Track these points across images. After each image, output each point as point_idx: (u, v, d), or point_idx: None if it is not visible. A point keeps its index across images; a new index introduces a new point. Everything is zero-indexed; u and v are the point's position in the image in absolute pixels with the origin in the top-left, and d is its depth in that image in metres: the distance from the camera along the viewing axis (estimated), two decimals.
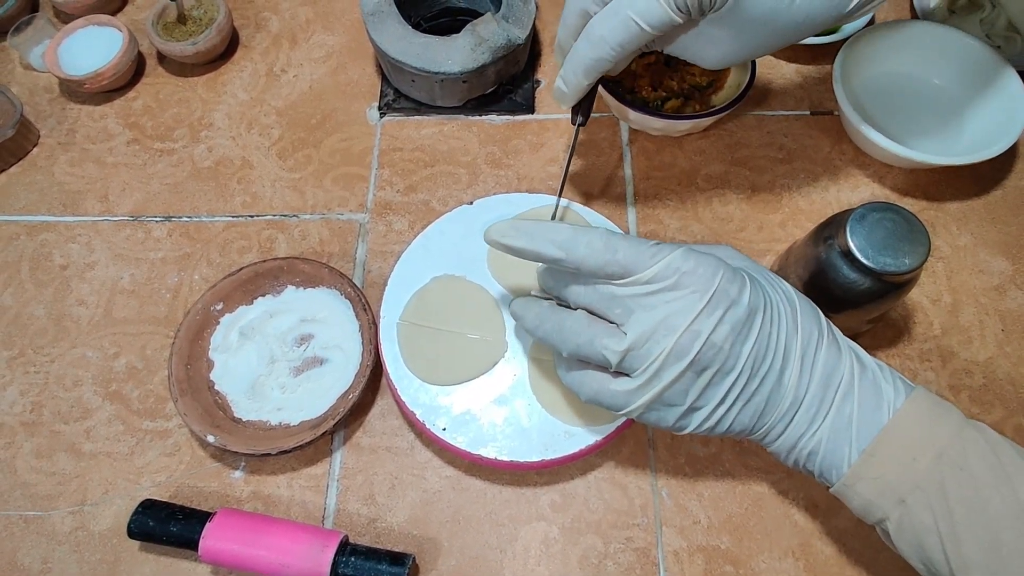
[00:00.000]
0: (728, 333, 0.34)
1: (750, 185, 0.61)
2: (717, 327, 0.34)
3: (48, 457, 0.51)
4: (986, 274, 0.56)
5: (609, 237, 0.36)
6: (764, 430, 0.37)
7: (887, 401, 0.36)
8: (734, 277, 0.35)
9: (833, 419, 0.36)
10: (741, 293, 0.35)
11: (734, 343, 0.35)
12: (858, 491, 0.36)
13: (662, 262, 0.35)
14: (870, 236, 0.43)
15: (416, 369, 0.49)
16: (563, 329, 0.38)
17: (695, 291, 0.34)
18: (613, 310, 0.36)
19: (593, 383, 0.38)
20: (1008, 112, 0.57)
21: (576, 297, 0.38)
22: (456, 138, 0.64)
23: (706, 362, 0.35)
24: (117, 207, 0.62)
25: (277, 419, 0.51)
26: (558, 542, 0.47)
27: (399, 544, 0.47)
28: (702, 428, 0.37)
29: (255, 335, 0.53)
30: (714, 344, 0.34)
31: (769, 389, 0.36)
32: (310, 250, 0.59)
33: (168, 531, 0.45)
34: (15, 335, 0.56)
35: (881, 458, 0.35)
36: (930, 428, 0.35)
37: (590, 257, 0.36)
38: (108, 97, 0.67)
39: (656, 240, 0.37)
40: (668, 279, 0.35)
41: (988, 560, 0.33)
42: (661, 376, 0.35)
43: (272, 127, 0.65)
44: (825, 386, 0.36)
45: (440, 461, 0.50)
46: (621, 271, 0.35)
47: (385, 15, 0.61)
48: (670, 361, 0.35)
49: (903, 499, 0.34)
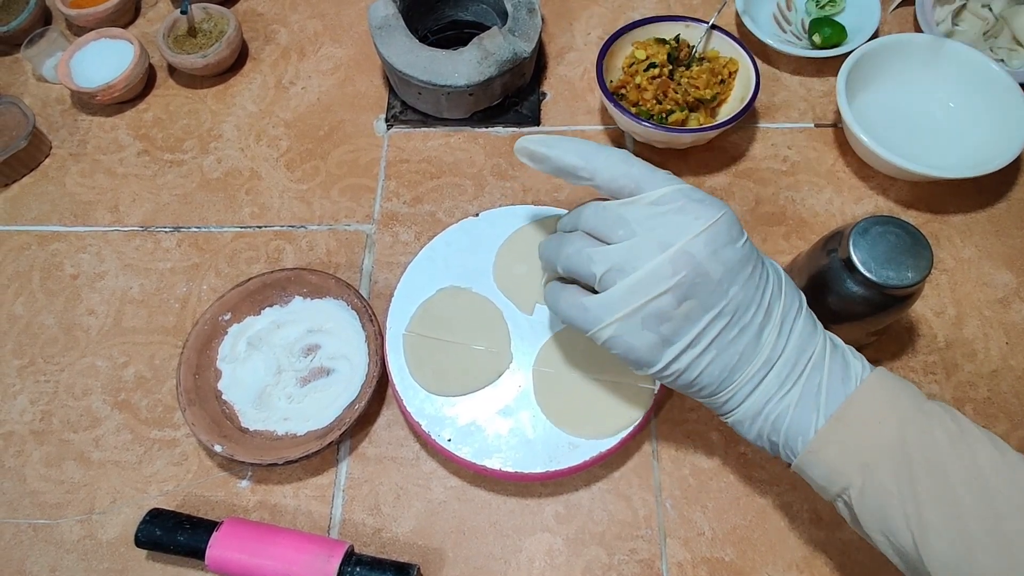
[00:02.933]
0: (719, 266, 0.35)
1: (754, 197, 0.61)
2: (711, 257, 0.35)
3: (57, 465, 0.52)
4: (990, 287, 0.56)
5: (626, 155, 0.37)
6: (732, 389, 0.37)
7: (855, 373, 0.37)
8: (736, 220, 0.36)
9: (803, 386, 0.36)
10: (740, 236, 0.36)
11: (722, 279, 0.35)
12: (823, 457, 0.36)
13: (673, 186, 0.36)
14: (873, 249, 0.43)
15: (422, 380, 0.49)
16: (561, 244, 0.39)
17: (698, 217, 0.35)
18: (616, 231, 0.37)
19: (569, 297, 0.39)
20: (1011, 125, 0.57)
21: (586, 220, 0.39)
22: (462, 150, 0.64)
23: (690, 290, 0.35)
24: (127, 217, 0.62)
25: (284, 429, 0.51)
26: (562, 553, 0.48)
27: (404, 554, 0.48)
28: (670, 369, 0.37)
29: (262, 345, 0.54)
30: (703, 271, 0.35)
31: (746, 342, 0.36)
32: (317, 261, 0.59)
33: (175, 540, 0.45)
34: (26, 344, 0.57)
35: (847, 422, 0.35)
36: (895, 396, 0.36)
37: (607, 168, 0.37)
38: (119, 109, 0.68)
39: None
40: (675, 202, 0.35)
41: (947, 523, 0.33)
42: (638, 292, 0.35)
43: (280, 138, 0.66)
44: (799, 352, 0.37)
45: (445, 472, 0.51)
46: (633, 186, 0.36)
47: (393, 28, 0.62)
48: (653, 279, 0.35)
49: (867, 463, 0.35)
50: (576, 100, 0.67)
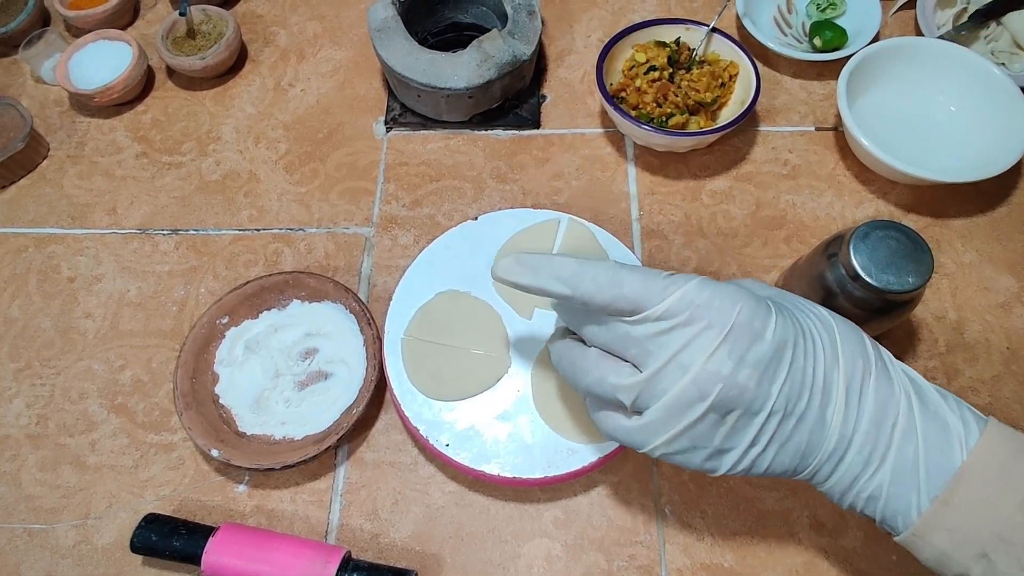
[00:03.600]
0: (752, 371, 0.31)
1: (755, 201, 0.61)
2: (738, 366, 0.31)
3: (53, 470, 0.52)
4: (991, 291, 0.56)
5: (616, 271, 0.33)
6: (810, 471, 0.34)
7: (957, 439, 0.32)
8: (757, 308, 0.32)
9: (895, 461, 0.32)
10: (766, 326, 0.32)
11: (760, 382, 0.32)
12: (931, 542, 0.32)
13: (674, 296, 0.32)
14: (873, 254, 0.43)
15: (420, 384, 0.49)
16: (575, 368, 0.37)
17: (710, 326, 0.31)
18: (629, 350, 0.34)
19: (609, 420, 0.36)
20: (1012, 129, 0.57)
21: (592, 336, 0.36)
22: (462, 153, 0.64)
23: (729, 404, 0.32)
24: (125, 220, 0.62)
25: (281, 433, 0.51)
26: (561, 559, 0.47)
27: (402, 560, 0.47)
28: (736, 470, 0.34)
29: (260, 349, 0.54)
30: (736, 384, 0.31)
31: (809, 429, 0.33)
32: (316, 264, 0.59)
33: (171, 546, 0.45)
34: (22, 347, 0.56)
35: (957, 506, 0.31)
36: (1012, 469, 0.31)
37: (597, 293, 0.33)
38: (117, 110, 0.68)
39: (670, 271, 0.34)
40: (681, 314, 0.32)
41: None
42: (679, 417, 0.32)
43: (279, 141, 0.66)
44: (878, 423, 0.32)
45: (443, 477, 0.50)
46: (631, 307, 0.33)
47: (392, 31, 0.61)
48: (687, 402, 0.32)
49: (985, 553, 0.31)
50: (576, 103, 0.67)
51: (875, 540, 0.47)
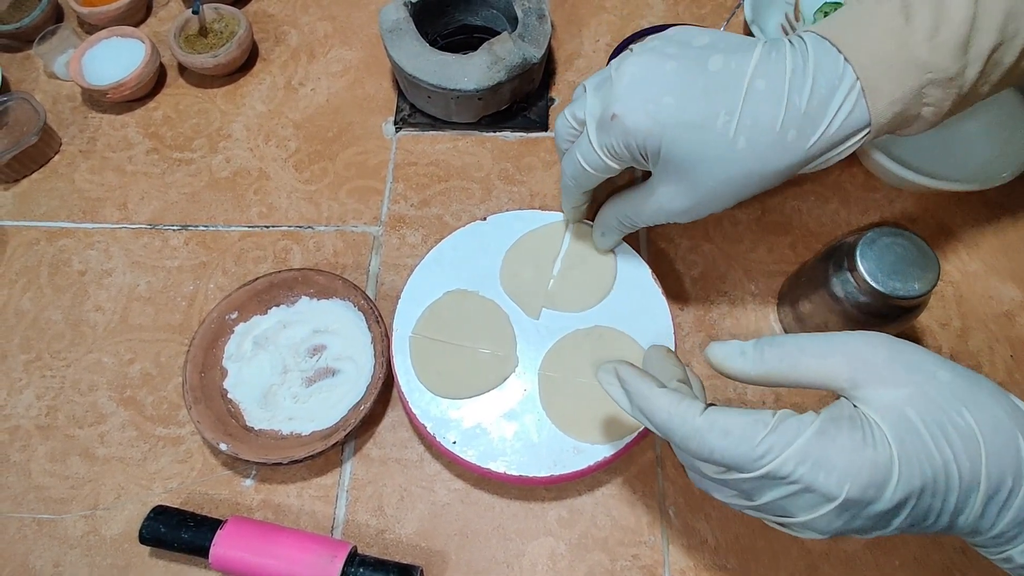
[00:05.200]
0: (865, 524, 0.30)
1: (760, 206, 0.61)
2: (848, 523, 0.30)
3: (62, 461, 0.52)
4: (996, 300, 0.56)
5: (703, 436, 0.31)
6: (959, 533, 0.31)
7: None
8: (872, 475, 0.28)
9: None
10: (882, 492, 0.28)
11: (875, 526, 0.30)
12: None
13: (772, 464, 0.29)
14: (880, 260, 0.44)
15: (427, 382, 0.49)
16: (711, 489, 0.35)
17: (819, 495, 0.29)
18: (738, 486, 0.32)
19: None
20: (1019, 138, 0.57)
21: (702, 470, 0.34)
22: (470, 154, 0.65)
23: (846, 532, 0.31)
24: (135, 215, 0.63)
25: (288, 428, 0.51)
26: (565, 558, 0.48)
27: (407, 556, 0.48)
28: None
29: (268, 345, 0.54)
30: (851, 529, 0.30)
31: (942, 528, 0.30)
32: (324, 261, 0.59)
33: (179, 538, 0.46)
34: (33, 339, 0.57)
35: None
36: None
37: (686, 447, 0.32)
38: (129, 107, 0.69)
39: (768, 412, 0.31)
40: (782, 479, 0.29)
41: None
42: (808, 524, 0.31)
43: (289, 139, 0.66)
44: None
45: (449, 474, 0.51)
46: (726, 466, 0.31)
47: (403, 32, 0.62)
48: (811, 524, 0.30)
49: None
50: None
51: (877, 545, 0.47)
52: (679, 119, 0.38)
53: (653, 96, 0.38)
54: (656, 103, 0.38)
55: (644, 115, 0.39)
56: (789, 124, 0.36)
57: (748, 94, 0.37)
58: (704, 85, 0.38)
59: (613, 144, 0.41)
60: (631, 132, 0.39)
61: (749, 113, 0.37)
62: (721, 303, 0.57)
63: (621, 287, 0.52)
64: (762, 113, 0.37)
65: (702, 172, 0.39)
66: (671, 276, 0.58)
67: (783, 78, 0.36)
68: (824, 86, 0.36)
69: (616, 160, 0.42)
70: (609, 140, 0.41)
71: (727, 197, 0.41)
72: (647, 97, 0.39)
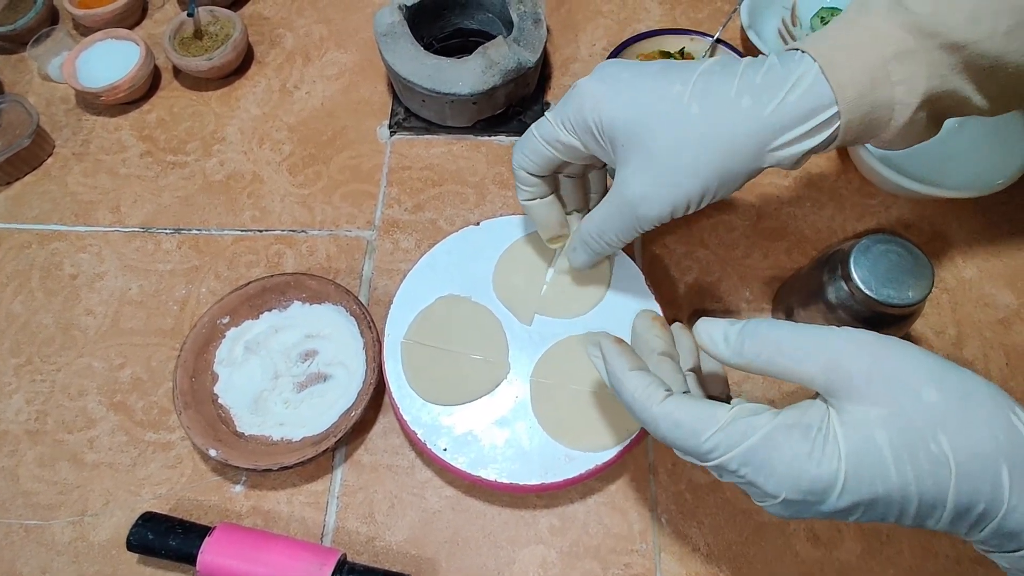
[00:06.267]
0: (817, 516, 0.31)
1: (755, 212, 0.61)
2: (800, 513, 0.31)
3: (50, 466, 0.52)
4: (991, 307, 0.56)
5: (658, 424, 0.33)
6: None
7: None
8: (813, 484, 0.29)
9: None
10: (824, 497, 0.29)
11: (832, 517, 0.31)
12: None
13: (720, 460, 0.31)
14: (874, 268, 0.43)
15: (419, 388, 0.49)
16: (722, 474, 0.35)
17: (763, 492, 0.31)
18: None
19: None
20: (1013, 145, 0.57)
21: None
22: (465, 158, 0.64)
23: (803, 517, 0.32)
24: (128, 218, 0.62)
25: (279, 434, 0.51)
26: (556, 566, 0.47)
27: (397, 563, 0.47)
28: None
29: (260, 349, 0.54)
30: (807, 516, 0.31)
31: (910, 526, 0.31)
32: (317, 266, 0.59)
33: (167, 545, 0.45)
34: (23, 343, 0.57)
35: None
36: None
37: (648, 428, 0.35)
38: (123, 109, 0.69)
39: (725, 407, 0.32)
40: (733, 471, 0.31)
41: None
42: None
43: (283, 143, 0.66)
44: None
45: (440, 481, 0.50)
46: (681, 452, 0.33)
47: (398, 36, 0.62)
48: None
49: None
50: None
51: (871, 554, 0.47)
52: (634, 86, 0.40)
53: (612, 73, 0.41)
54: (615, 77, 0.41)
55: (600, 82, 0.41)
56: (743, 91, 0.37)
57: (703, 73, 0.39)
58: (661, 66, 0.41)
59: (569, 114, 0.41)
60: (586, 96, 0.41)
61: (702, 83, 0.38)
62: (715, 309, 0.56)
63: (614, 293, 0.52)
64: (716, 83, 0.38)
65: (658, 139, 0.39)
66: (666, 282, 0.57)
67: (738, 63, 0.39)
68: (779, 66, 0.38)
69: (571, 134, 0.42)
70: (565, 110, 0.42)
71: (687, 171, 0.38)
72: (606, 74, 0.41)
